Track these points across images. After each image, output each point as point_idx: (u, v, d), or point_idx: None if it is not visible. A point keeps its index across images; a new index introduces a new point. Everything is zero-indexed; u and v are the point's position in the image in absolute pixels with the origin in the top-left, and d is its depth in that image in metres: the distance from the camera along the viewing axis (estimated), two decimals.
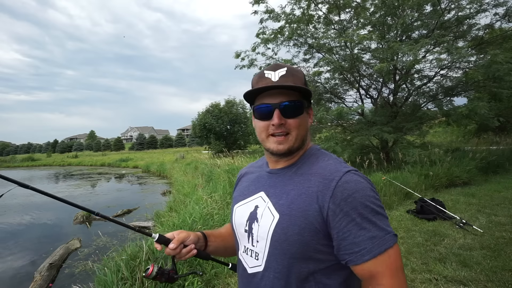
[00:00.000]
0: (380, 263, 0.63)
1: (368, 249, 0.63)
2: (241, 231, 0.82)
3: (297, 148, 0.77)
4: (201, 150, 31.62)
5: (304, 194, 0.70)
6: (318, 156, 0.78)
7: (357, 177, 0.68)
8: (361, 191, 0.66)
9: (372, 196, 0.66)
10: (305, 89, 0.74)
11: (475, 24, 7.78)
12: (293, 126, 0.74)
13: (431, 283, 2.53)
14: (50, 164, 40.85)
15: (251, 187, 0.85)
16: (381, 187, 5.32)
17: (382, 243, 0.63)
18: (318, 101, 9.82)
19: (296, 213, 0.69)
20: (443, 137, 16.71)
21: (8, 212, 9.41)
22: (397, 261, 0.64)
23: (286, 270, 0.70)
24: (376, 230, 0.64)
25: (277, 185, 0.78)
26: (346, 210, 0.64)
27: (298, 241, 0.68)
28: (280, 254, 0.70)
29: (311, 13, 8.62)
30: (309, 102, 0.79)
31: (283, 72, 0.74)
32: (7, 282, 4.43)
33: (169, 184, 13.28)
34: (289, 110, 0.73)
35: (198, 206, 4.68)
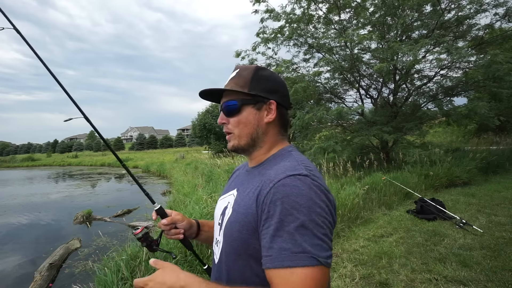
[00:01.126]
0: (279, 276, 0.58)
1: (273, 258, 0.59)
2: (216, 224, 0.85)
3: (246, 146, 0.78)
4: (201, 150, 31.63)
5: (251, 193, 0.71)
6: (284, 157, 0.75)
7: (298, 183, 0.62)
8: (292, 197, 0.60)
9: (305, 207, 0.59)
10: (232, 90, 0.77)
11: (475, 24, 7.79)
12: (233, 125, 0.78)
13: (431, 283, 2.53)
14: (50, 164, 40.86)
15: (232, 184, 0.90)
16: (381, 187, 5.32)
17: (289, 258, 0.57)
18: (318, 101, 9.82)
19: (241, 210, 0.71)
20: (443, 137, 16.71)
21: (8, 212, 9.41)
22: (302, 285, 0.56)
23: (232, 264, 0.72)
24: (290, 243, 0.58)
25: (244, 183, 0.80)
26: (271, 213, 0.62)
27: (238, 238, 0.69)
28: (226, 248, 0.73)
29: (311, 13, 8.62)
30: (261, 98, 0.77)
31: (233, 74, 0.80)
32: (7, 282, 4.43)
33: (169, 184, 13.28)
34: (226, 109, 0.78)
35: (198, 206, 4.68)
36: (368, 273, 2.79)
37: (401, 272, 2.75)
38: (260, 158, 0.80)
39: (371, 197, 5.07)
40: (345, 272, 2.84)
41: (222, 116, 0.80)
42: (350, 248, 3.42)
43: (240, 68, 0.80)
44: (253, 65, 0.81)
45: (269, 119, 0.78)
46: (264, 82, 0.78)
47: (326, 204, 0.63)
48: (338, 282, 2.66)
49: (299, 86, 7.64)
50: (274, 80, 0.80)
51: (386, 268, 2.86)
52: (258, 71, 0.79)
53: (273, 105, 0.78)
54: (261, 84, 0.77)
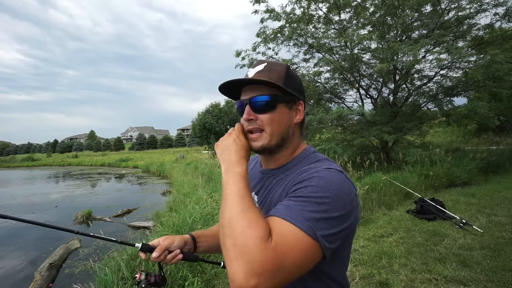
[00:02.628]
0: (276, 222, 0.58)
1: (279, 209, 0.60)
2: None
3: (275, 146, 0.73)
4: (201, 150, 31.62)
5: (283, 191, 0.69)
6: (311, 158, 0.74)
7: (334, 174, 0.63)
8: (324, 181, 0.61)
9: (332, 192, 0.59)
10: (268, 82, 0.70)
11: (475, 24, 7.79)
12: (265, 122, 0.71)
13: (431, 283, 2.53)
14: (50, 164, 40.84)
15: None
16: (381, 187, 5.32)
17: (292, 216, 0.57)
18: (318, 101, 9.82)
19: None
20: (443, 137, 16.71)
21: (8, 212, 9.30)
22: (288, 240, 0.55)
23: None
24: (300, 206, 0.58)
25: (266, 186, 0.78)
26: (299, 187, 0.62)
27: None
28: None
29: (311, 13, 8.62)
30: (293, 97, 0.74)
31: (260, 68, 0.73)
32: (7, 282, 4.43)
33: (169, 184, 13.28)
34: (259, 105, 0.71)
35: (198, 206, 4.68)
36: (368, 273, 2.79)
37: (401, 272, 2.76)
38: (284, 159, 0.77)
39: (371, 197, 5.07)
40: None
41: (249, 111, 0.72)
42: None
43: (269, 63, 0.74)
44: (283, 62, 0.78)
45: (298, 119, 0.76)
46: (295, 81, 0.75)
47: (351, 201, 0.62)
48: None
49: None
50: (300, 81, 0.79)
51: (386, 268, 2.86)
52: (289, 69, 0.75)
53: (301, 106, 0.76)
54: (293, 83, 0.74)
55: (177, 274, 2.71)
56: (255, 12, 8.62)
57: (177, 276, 2.69)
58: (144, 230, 5.96)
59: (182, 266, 2.82)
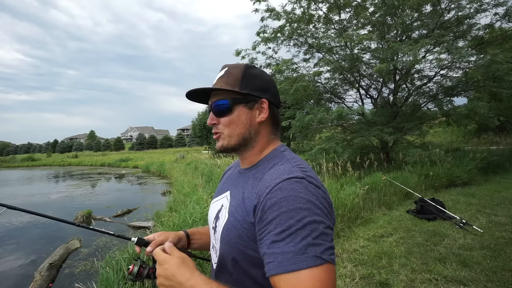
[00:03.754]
0: (285, 281, 0.55)
1: (276, 264, 0.56)
2: (210, 228, 0.84)
3: (236, 146, 0.76)
4: (201, 150, 31.64)
5: (248, 199, 0.69)
6: (277, 159, 0.73)
7: (295, 185, 0.61)
8: (291, 201, 0.58)
9: (304, 209, 0.58)
10: (222, 89, 0.73)
11: (475, 24, 7.79)
12: (223, 124, 0.75)
13: (431, 283, 2.53)
14: (50, 164, 40.84)
15: (224, 185, 0.87)
16: (381, 187, 5.33)
17: (293, 261, 0.55)
18: (318, 101, 9.82)
19: (238, 216, 0.69)
20: (443, 137, 16.72)
21: (8, 212, 9.39)
22: (308, 286, 0.53)
23: (232, 270, 0.70)
24: (292, 246, 0.55)
25: (238, 185, 0.78)
26: (270, 219, 0.59)
27: (237, 244, 0.67)
28: (225, 254, 0.71)
29: (311, 13, 8.62)
30: (253, 97, 0.75)
31: (221, 73, 0.77)
32: (7, 282, 4.43)
33: (169, 184, 13.28)
34: (216, 109, 0.76)
35: (198, 206, 4.68)
36: (368, 273, 2.79)
37: (401, 272, 2.76)
38: (253, 159, 0.78)
39: (371, 197, 5.07)
40: (345, 272, 2.84)
41: (212, 116, 0.77)
42: (350, 248, 3.42)
43: (228, 67, 0.77)
44: (242, 63, 0.78)
45: (262, 118, 0.76)
46: (254, 81, 0.76)
47: (324, 204, 0.61)
48: (338, 282, 2.66)
49: (299, 85, 7.64)
50: (264, 79, 0.78)
51: (386, 268, 2.86)
52: (248, 69, 0.76)
53: (265, 104, 0.76)
54: (252, 83, 0.75)
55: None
56: (255, 11, 8.62)
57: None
58: (144, 230, 5.96)
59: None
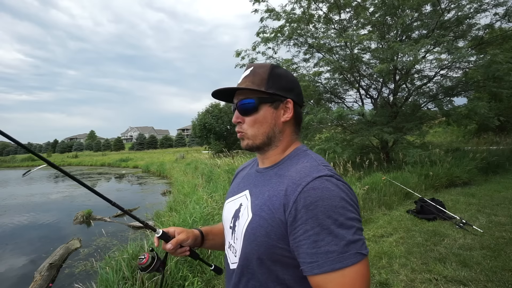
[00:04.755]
0: (331, 280, 0.58)
1: (320, 264, 0.58)
2: (227, 227, 0.84)
3: (262, 145, 0.77)
4: (201, 150, 31.63)
5: (275, 197, 0.69)
6: (300, 157, 0.75)
7: (328, 184, 0.63)
8: (326, 200, 0.60)
9: (340, 207, 0.60)
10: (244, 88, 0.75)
11: (475, 24, 7.79)
12: (248, 124, 0.76)
13: (431, 283, 2.53)
14: None
15: (240, 185, 0.87)
16: (381, 187, 5.33)
17: (338, 260, 0.57)
18: (318, 101, 9.82)
19: (265, 215, 0.69)
20: (443, 137, 16.72)
21: (8, 212, 9.41)
22: (355, 283, 0.57)
23: (256, 269, 0.70)
24: (334, 245, 0.58)
25: (259, 184, 0.78)
26: (305, 218, 0.61)
27: (265, 243, 0.67)
28: (249, 253, 0.70)
29: (311, 13, 8.62)
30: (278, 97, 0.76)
31: (247, 73, 0.78)
32: (7, 282, 4.43)
33: (169, 184, 13.28)
34: (242, 108, 0.76)
35: (198, 206, 4.69)
36: None
37: (401, 272, 2.76)
38: (275, 158, 0.79)
39: (371, 197, 5.07)
40: None
41: (237, 115, 0.78)
42: None
43: (254, 66, 0.78)
44: (267, 63, 0.79)
45: (286, 118, 0.77)
46: (280, 80, 0.77)
47: (353, 200, 0.64)
48: None
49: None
50: (289, 78, 0.79)
51: (386, 268, 2.86)
52: (274, 69, 0.77)
53: (290, 103, 0.77)
54: (277, 83, 0.76)
55: (177, 274, 2.71)
56: (255, 11, 8.62)
57: (177, 276, 2.70)
58: (144, 230, 5.96)
59: (182, 266, 2.83)
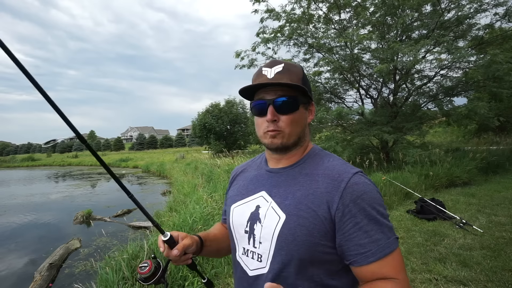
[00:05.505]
0: (384, 265, 0.64)
1: (373, 252, 0.64)
2: (240, 232, 0.79)
3: (293, 144, 0.75)
4: (201, 150, 31.63)
5: (312, 195, 0.69)
6: (322, 156, 0.77)
7: (365, 179, 0.69)
8: (369, 193, 0.67)
9: (378, 199, 0.68)
10: (297, 86, 0.70)
11: (475, 24, 7.79)
12: (286, 123, 0.72)
13: (431, 283, 2.53)
14: (50, 164, 40.85)
15: (250, 186, 0.83)
16: (381, 187, 5.33)
17: (387, 245, 0.65)
18: (318, 101, 9.82)
19: (304, 213, 0.68)
20: (443, 137, 16.72)
21: (8, 212, 9.41)
22: (401, 262, 0.66)
23: (291, 272, 0.68)
24: (381, 233, 0.65)
25: (280, 184, 0.76)
26: (354, 212, 0.65)
27: (306, 242, 0.67)
28: (287, 256, 0.68)
29: (311, 13, 8.62)
30: (308, 98, 0.77)
31: (279, 69, 0.73)
32: (7, 282, 4.43)
33: (169, 184, 13.28)
34: (282, 106, 0.72)
35: (198, 206, 4.68)
36: None
37: None
38: (295, 158, 0.78)
39: None
40: None
41: (273, 112, 0.71)
42: None
43: (285, 64, 0.74)
44: (294, 63, 0.80)
45: (310, 119, 0.79)
46: (307, 82, 0.77)
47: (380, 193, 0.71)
48: None
49: None
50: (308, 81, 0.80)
51: None
52: (303, 69, 0.78)
53: (313, 106, 0.79)
54: (307, 84, 0.76)
55: (177, 274, 2.71)
56: (255, 11, 8.62)
57: (177, 276, 2.70)
58: (144, 230, 5.96)
59: (182, 266, 2.83)
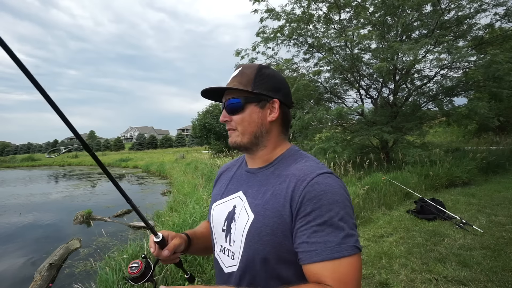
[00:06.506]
0: (327, 268, 0.60)
1: (319, 252, 0.61)
2: (218, 231, 0.82)
3: (249, 143, 0.78)
4: (201, 150, 31.64)
5: (278, 195, 0.70)
6: (297, 157, 0.77)
7: (330, 180, 0.67)
8: (329, 194, 0.64)
9: (341, 202, 0.65)
10: (233, 88, 0.75)
11: (475, 24, 7.79)
12: (236, 122, 0.77)
13: (431, 283, 2.53)
14: (50, 164, 40.82)
15: (230, 186, 0.86)
16: (381, 187, 5.32)
17: (336, 250, 0.61)
18: (318, 101, 9.82)
19: (269, 213, 0.69)
20: (443, 137, 16.72)
21: (8, 212, 9.41)
22: (349, 274, 0.60)
23: (259, 271, 0.70)
24: (333, 236, 0.62)
25: (254, 184, 0.78)
26: (309, 210, 0.64)
27: (270, 242, 0.68)
28: (253, 255, 0.70)
29: (311, 13, 8.62)
30: (264, 96, 0.76)
31: (235, 73, 0.79)
32: (7, 282, 4.43)
33: (169, 184, 13.28)
34: (230, 107, 0.77)
35: (198, 206, 4.68)
36: (368, 273, 2.79)
37: (401, 272, 2.76)
38: (267, 157, 0.80)
39: (371, 197, 5.07)
40: None
41: (225, 114, 0.79)
42: None
43: (243, 67, 0.79)
44: (256, 64, 0.80)
45: (272, 118, 0.78)
46: (267, 81, 0.77)
47: (349, 197, 0.69)
48: None
49: (300, 84, 7.64)
50: (277, 79, 0.79)
51: (386, 268, 2.86)
52: (261, 69, 0.78)
53: (276, 103, 0.77)
54: (264, 83, 0.77)
55: (177, 274, 2.71)
56: (255, 11, 8.61)
57: (177, 276, 2.70)
58: (144, 230, 5.96)
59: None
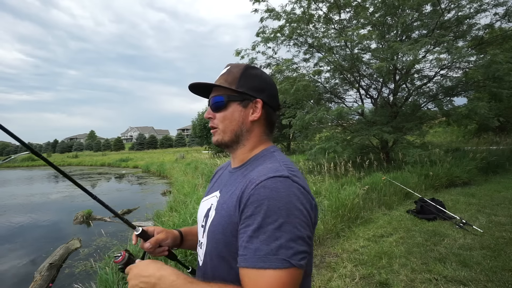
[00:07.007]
0: (249, 276, 0.58)
1: (247, 258, 0.59)
2: (199, 226, 0.85)
3: (230, 141, 0.79)
4: (201, 150, 31.65)
5: (234, 196, 0.70)
6: (266, 158, 0.75)
7: (279, 185, 0.62)
8: (272, 200, 0.60)
9: (283, 209, 0.59)
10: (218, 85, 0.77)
11: (475, 24, 7.79)
12: (218, 119, 0.79)
13: (431, 283, 2.53)
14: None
15: (214, 185, 0.89)
16: (381, 187, 5.33)
17: (262, 260, 0.57)
18: (318, 101, 9.82)
19: (224, 213, 0.70)
20: (443, 137, 16.72)
21: (8, 212, 9.41)
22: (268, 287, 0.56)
23: (217, 266, 0.72)
24: (265, 244, 0.58)
25: (228, 184, 0.79)
26: (249, 214, 0.62)
27: (222, 240, 0.69)
28: (211, 250, 0.73)
29: (311, 13, 8.62)
30: (247, 96, 0.76)
31: (224, 71, 0.80)
32: (7, 282, 4.43)
33: (169, 184, 13.28)
34: (214, 104, 0.79)
35: (198, 206, 4.68)
36: (368, 273, 2.79)
37: (401, 272, 2.76)
38: (243, 157, 0.80)
39: (371, 197, 5.07)
40: (345, 272, 2.84)
41: (209, 111, 0.81)
42: (350, 248, 3.42)
43: (231, 66, 0.81)
44: (244, 63, 0.81)
45: (254, 117, 0.77)
46: (252, 81, 0.78)
47: (305, 206, 0.62)
48: (338, 282, 2.66)
49: (300, 84, 7.64)
50: (263, 79, 0.80)
51: (386, 268, 2.86)
52: (248, 69, 0.79)
53: (259, 103, 0.77)
54: (249, 82, 0.77)
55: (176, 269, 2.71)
56: (255, 11, 8.62)
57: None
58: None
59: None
